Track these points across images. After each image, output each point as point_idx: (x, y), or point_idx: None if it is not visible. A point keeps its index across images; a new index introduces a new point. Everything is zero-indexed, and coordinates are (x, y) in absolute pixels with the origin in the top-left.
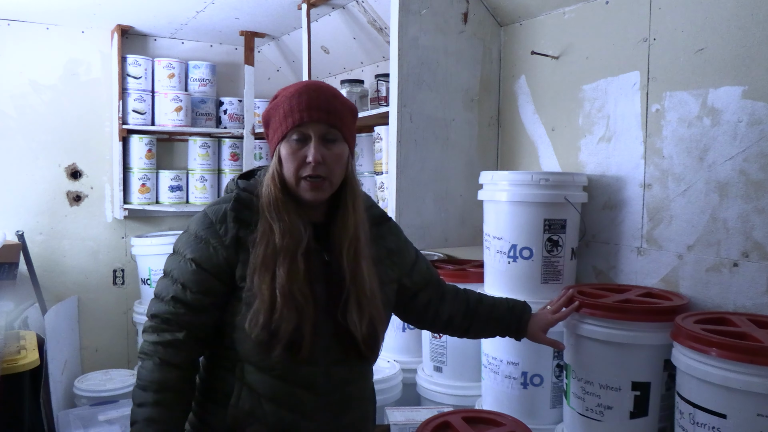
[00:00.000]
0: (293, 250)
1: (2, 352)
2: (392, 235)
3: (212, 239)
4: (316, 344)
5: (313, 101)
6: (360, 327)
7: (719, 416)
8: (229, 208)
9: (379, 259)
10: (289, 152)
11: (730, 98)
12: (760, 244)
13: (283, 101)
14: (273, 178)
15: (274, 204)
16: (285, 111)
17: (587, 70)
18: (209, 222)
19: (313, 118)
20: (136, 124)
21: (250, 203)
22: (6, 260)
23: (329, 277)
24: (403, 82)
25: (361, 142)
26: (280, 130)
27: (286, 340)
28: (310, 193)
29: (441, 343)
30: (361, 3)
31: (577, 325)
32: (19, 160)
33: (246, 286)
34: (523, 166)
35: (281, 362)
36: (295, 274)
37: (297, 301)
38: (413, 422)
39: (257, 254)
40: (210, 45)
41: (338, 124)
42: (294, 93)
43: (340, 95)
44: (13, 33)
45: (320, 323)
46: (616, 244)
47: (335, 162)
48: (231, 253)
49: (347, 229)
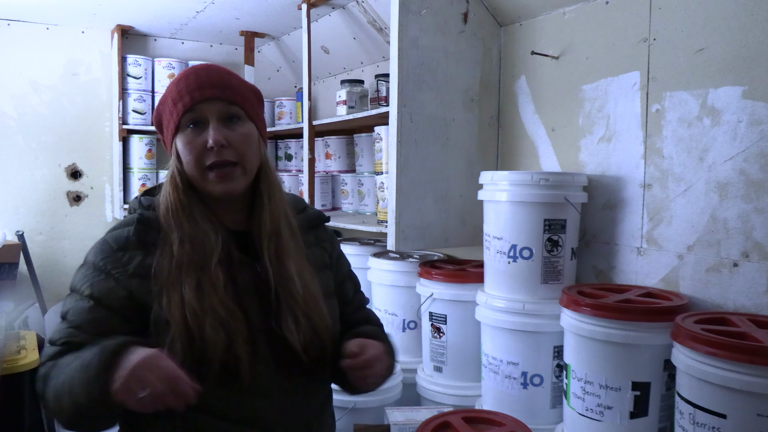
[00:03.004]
0: (200, 260)
1: (2, 352)
2: (329, 242)
3: (114, 270)
4: (258, 369)
5: (204, 79)
6: (298, 335)
7: (719, 416)
8: (132, 232)
9: (322, 265)
10: (185, 142)
11: (730, 98)
12: (760, 244)
13: (169, 91)
14: (173, 179)
15: (172, 209)
16: (173, 98)
17: (587, 70)
18: (110, 249)
19: (206, 95)
20: (136, 124)
21: (156, 223)
22: (6, 260)
23: (261, 291)
24: (403, 82)
25: (361, 142)
26: (172, 121)
27: (218, 367)
28: (221, 185)
29: (441, 343)
30: (361, 3)
31: (577, 325)
32: (19, 160)
33: (153, 314)
34: (523, 166)
35: (220, 396)
36: (208, 288)
37: (220, 317)
38: (413, 422)
39: (161, 272)
40: (210, 45)
41: (238, 99)
42: (180, 77)
43: (237, 75)
44: (13, 33)
45: (258, 343)
46: (616, 244)
47: (243, 143)
48: (135, 285)
49: (264, 224)
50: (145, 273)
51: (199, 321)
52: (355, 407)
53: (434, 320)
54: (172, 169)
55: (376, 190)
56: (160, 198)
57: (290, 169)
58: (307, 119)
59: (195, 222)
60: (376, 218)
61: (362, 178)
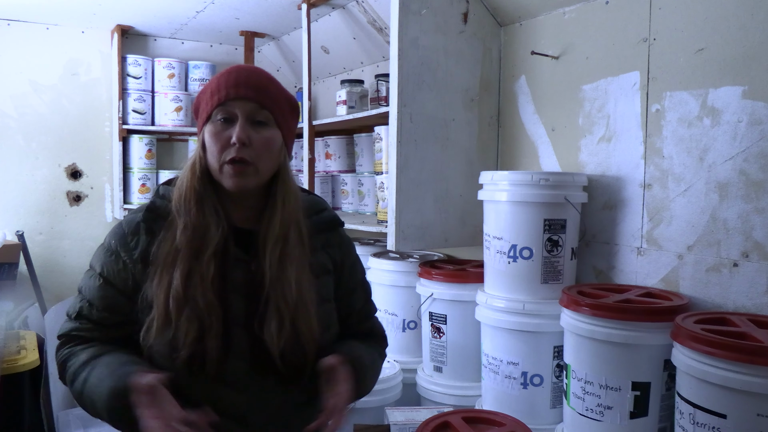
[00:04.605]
0: (196, 248)
1: (2, 352)
2: (342, 247)
3: (122, 252)
4: (231, 366)
5: (242, 78)
6: (278, 341)
7: (719, 416)
8: (142, 218)
9: (323, 270)
10: (212, 133)
11: (730, 98)
12: (760, 244)
13: (211, 82)
14: (193, 166)
15: (185, 195)
16: (212, 90)
17: (587, 70)
18: (122, 233)
19: (240, 94)
20: (136, 124)
21: (165, 212)
22: (6, 260)
23: (251, 289)
24: (403, 82)
25: (361, 142)
26: (205, 111)
27: (186, 354)
28: (233, 180)
29: (441, 343)
30: (361, 3)
31: (577, 325)
32: (19, 160)
33: (143, 291)
34: (523, 166)
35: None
36: (197, 278)
37: (198, 309)
38: (413, 422)
39: (160, 254)
40: (210, 45)
41: (269, 105)
42: (224, 72)
43: (278, 83)
44: (13, 33)
45: (234, 339)
46: (616, 244)
47: (263, 146)
48: (139, 270)
49: (273, 227)
50: (147, 259)
51: (179, 308)
52: (354, 407)
53: (434, 320)
54: (194, 156)
55: (376, 190)
56: (177, 182)
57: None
58: (307, 119)
59: (202, 211)
60: (376, 218)
61: (362, 178)
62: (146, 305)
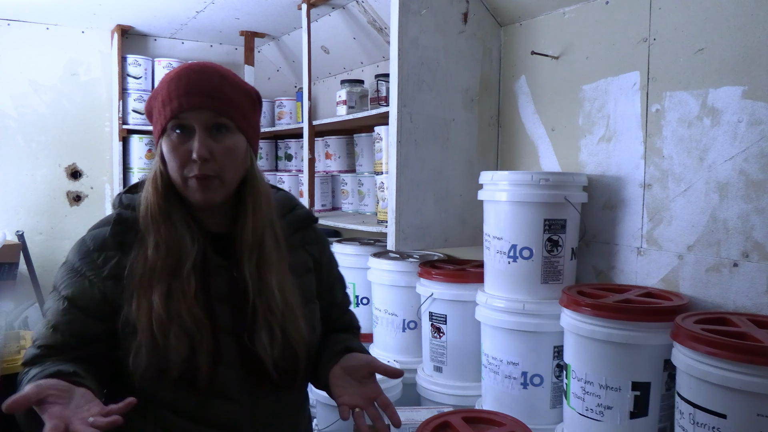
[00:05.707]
0: (172, 266)
1: (2, 352)
2: (319, 243)
3: (88, 271)
4: (221, 375)
5: (194, 84)
6: (271, 350)
7: (719, 416)
8: (109, 233)
9: (305, 269)
10: (170, 148)
11: (730, 98)
12: (760, 244)
13: (161, 87)
14: (155, 180)
15: (151, 212)
16: (163, 99)
17: (587, 70)
18: (86, 250)
19: (193, 104)
20: (136, 124)
21: (134, 223)
22: (6, 260)
23: (235, 296)
24: (403, 82)
25: (361, 142)
26: (159, 122)
27: (177, 375)
28: (200, 195)
29: (441, 343)
30: (361, 3)
31: (577, 325)
32: (19, 160)
33: (122, 316)
34: (523, 166)
35: (187, 399)
36: (178, 295)
37: (186, 326)
38: (413, 422)
39: (133, 276)
40: (210, 45)
41: (228, 110)
42: (173, 76)
43: (232, 76)
44: (13, 33)
45: (225, 349)
46: (616, 244)
47: (226, 156)
48: (110, 287)
49: (246, 234)
50: (120, 274)
51: (164, 329)
52: None
53: (434, 320)
54: (155, 170)
55: (376, 190)
56: (141, 197)
57: (290, 169)
58: (307, 119)
59: (173, 226)
60: (376, 218)
61: (362, 178)
62: (130, 331)
